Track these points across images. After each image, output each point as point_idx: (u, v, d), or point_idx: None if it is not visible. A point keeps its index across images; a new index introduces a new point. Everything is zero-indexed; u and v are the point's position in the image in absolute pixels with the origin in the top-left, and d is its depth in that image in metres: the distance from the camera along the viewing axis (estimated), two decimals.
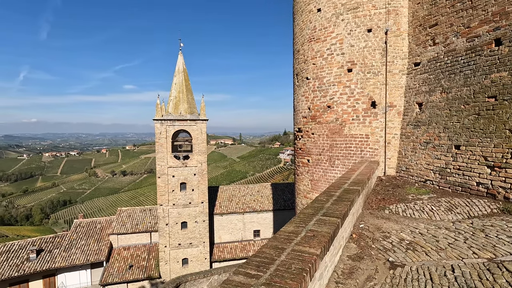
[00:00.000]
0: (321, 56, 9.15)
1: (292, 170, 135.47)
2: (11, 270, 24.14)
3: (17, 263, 24.76)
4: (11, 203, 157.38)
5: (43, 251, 26.17)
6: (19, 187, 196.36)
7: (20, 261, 24.95)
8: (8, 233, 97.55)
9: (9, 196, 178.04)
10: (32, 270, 24.59)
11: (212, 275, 15.00)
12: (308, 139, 9.98)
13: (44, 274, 25.48)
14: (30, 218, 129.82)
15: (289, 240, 2.85)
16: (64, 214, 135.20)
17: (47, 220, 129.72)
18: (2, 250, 25.46)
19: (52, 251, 26.47)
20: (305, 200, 10.53)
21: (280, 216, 32.08)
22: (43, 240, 27.78)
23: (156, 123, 26.89)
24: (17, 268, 24.36)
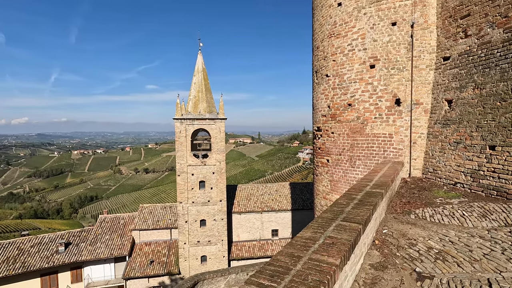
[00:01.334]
0: (341, 52, 8.80)
1: (311, 169, 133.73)
2: (42, 261, 25.56)
3: (47, 255, 26.16)
4: (43, 198, 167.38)
5: (71, 244, 27.47)
6: (50, 182, 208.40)
7: (50, 253, 26.34)
8: (41, 225, 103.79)
9: (42, 191, 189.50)
10: (60, 262, 25.89)
11: (230, 274, 15.01)
12: (328, 139, 9.66)
13: (71, 266, 26.76)
14: (61, 212, 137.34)
15: (306, 247, 2.67)
16: (91, 209, 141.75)
17: (75, 215, 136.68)
18: (34, 243, 27.00)
19: (79, 244, 27.73)
20: (324, 201, 10.23)
21: (298, 216, 31.69)
22: (71, 234, 29.18)
23: (176, 122, 27.36)
24: (47, 260, 25.74)
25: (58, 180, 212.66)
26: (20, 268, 24.58)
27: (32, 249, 26.30)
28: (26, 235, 29.25)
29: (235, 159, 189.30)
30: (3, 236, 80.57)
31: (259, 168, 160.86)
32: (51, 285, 26.18)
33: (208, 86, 28.85)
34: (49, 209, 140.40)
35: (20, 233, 31.12)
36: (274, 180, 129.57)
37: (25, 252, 25.89)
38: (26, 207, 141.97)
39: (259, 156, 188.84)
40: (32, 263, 25.20)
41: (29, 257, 25.54)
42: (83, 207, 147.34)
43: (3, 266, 24.37)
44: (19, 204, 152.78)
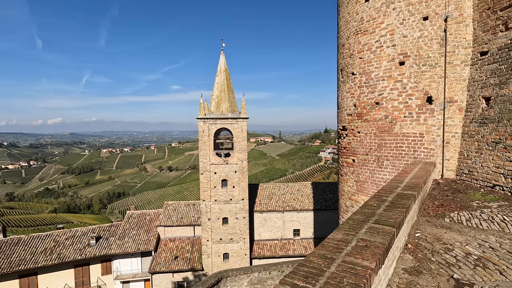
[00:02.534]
0: (368, 50, 8.56)
1: (333, 169, 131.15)
2: (75, 253, 27.13)
3: (80, 247, 27.73)
4: (75, 194, 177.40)
5: (101, 238, 28.92)
6: (82, 179, 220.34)
7: (82, 246, 27.89)
8: (73, 219, 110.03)
9: (74, 187, 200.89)
10: (92, 255, 27.34)
11: (252, 272, 15.13)
12: (354, 138, 9.44)
13: (102, 259, 28.17)
14: (91, 207, 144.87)
15: (339, 249, 2.64)
16: (118, 205, 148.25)
17: (104, 210, 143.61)
18: (69, 235, 28.71)
19: (108, 238, 29.12)
20: (349, 202, 10.02)
21: (321, 216, 31.25)
22: (101, 228, 30.70)
23: (199, 121, 27.92)
24: (80, 252, 27.28)
25: (89, 177, 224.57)
26: (56, 259, 26.26)
27: (66, 241, 27.99)
28: (61, 228, 31.16)
29: (256, 158, 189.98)
30: (40, 228, 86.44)
31: (280, 167, 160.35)
32: (84, 276, 27.73)
33: (230, 85, 29.15)
34: (80, 204, 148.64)
35: (56, 226, 33.23)
36: (295, 180, 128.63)
37: (60, 244, 27.61)
38: (60, 202, 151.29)
39: (280, 155, 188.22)
40: (66, 254, 26.83)
41: (64, 249, 27.21)
42: (111, 203, 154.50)
43: (41, 256, 26.16)
44: (54, 199, 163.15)
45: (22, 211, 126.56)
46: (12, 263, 25.11)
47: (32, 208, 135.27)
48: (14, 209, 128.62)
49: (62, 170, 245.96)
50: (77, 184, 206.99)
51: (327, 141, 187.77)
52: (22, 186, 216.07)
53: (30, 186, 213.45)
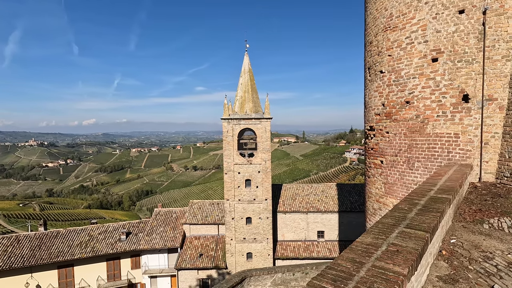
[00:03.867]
0: (398, 46, 8.22)
1: (359, 170, 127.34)
2: (107, 247, 28.63)
3: (111, 242, 29.22)
4: (107, 191, 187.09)
5: (131, 234, 30.28)
6: (113, 177, 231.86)
7: (114, 240, 29.37)
8: (105, 215, 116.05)
9: (106, 184, 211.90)
10: (122, 249, 28.72)
11: (276, 273, 15.10)
12: (382, 138, 9.11)
13: (131, 253, 29.49)
14: (121, 204, 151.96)
15: (368, 253, 2.57)
16: (146, 203, 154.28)
17: (133, 207, 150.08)
18: (101, 230, 30.35)
19: (137, 234, 30.42)
20: (377, 204, 9.69)
21: (346, 218, 30.48)
22: (130, 224, 32.14)
23: (223, 122, 28.33)
24: (111, 246, 28.75)
25: (119, 175, 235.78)
26: (90, 252, 27.88)
27: (99, 236, 29.63)
28: (94, 223, 33.04)
29: (279, 158, 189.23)
30: (76, 223, 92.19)
31: (303, 168, 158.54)
32: (115, 269, 29.19)
33: (254, 86, 29.30)
34: (112, 201, 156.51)
35: (90, 221, 35.29)
36: (319, 180, 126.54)
37: (94, 238, 29.27)
38: (93, 198, 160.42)
39: (303, 156, 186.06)
40: (99, 248, 28.40)
41: (97, 243, 28.82)
42: (140, 200, 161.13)
43: (77, 249, 27.90)
44: (88, 195, 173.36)
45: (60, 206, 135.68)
46: (52, 254, 27.02)
47: (69, 204, 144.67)
48: (53, 204, 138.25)
49: (95, 169, 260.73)
50: (108, 181, 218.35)
51: (353, 142, 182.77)
52: (60, 183, 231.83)
53: (67, 183, 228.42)
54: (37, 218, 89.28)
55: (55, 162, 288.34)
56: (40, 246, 27.53)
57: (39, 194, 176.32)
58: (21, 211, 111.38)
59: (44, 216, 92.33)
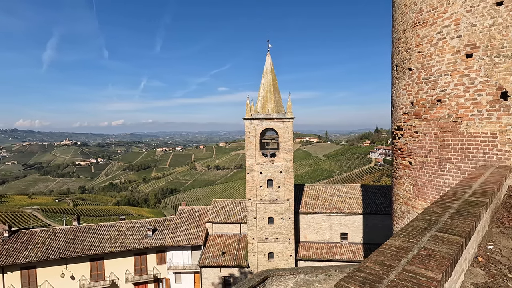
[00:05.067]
0: (429, 42, 7.86)
1: (384, 171, 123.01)
2: (135, 243, 29.86)
3: (139, 237, 30.44)
4: (134, 188, 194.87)
5: (156, 231, 31.36)
6: (140, 175, 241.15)
7: (141, 236, 30.57)
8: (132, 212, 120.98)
9: (133, 182, 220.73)
10: (149, 245, 29.82)
11: (298, 274, 14.99)
12: (410, 138, 8.76)
13: (157, 249, 30.55)
14: (147, 201, 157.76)
15: (398, 257, 2.50)
16: (171, 200, 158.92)
17: (159, 204, 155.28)
18: (129, 226, 31.71)
19: (163, 231, 31.45)
20: (405, 207, 9.33)
21: (371, 220, 29.59)
22: (156, 221, 33.29)
23: (245, 122, 28.54)
24: (139, 242, 29.95)
25: (146, 174, 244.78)
26: (119, 246, 29.23)
27: (127, 231, 30.97)
28: (123, 220, 34.59)
29: (301, 158, 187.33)
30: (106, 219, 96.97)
31: (326, 168, 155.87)
32: (142, 264, 30.39)
33: (276, 86, 29.24)
34: (138, 198, 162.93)
35: (119, 217, 37.00)
36: (342, 181, 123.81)
37: (123, 234, 30.65)
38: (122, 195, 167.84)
39: (326, 156, 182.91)
40: (127, 243, 29.69)
41: (125, 238, 30.15)
42: (165, 198, 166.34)
43: (107, 243, 29.36)
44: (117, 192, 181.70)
45: (92, 202, 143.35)
46: (84, 247, 28.65)
47: (99, 200, 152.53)
48: (85, 200, 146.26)
49: (123, 167, 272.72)
50: (135, 180, 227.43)
51: (378, 142, 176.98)
52: (91, 180, 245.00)
53: (98, 181, 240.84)
54: (71, 213, 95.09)
55: (87, 161, 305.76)
56: (74, 239, 29.28)
57: (73, 191, 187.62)
58: (57, 206, 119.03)
59: (77, 211, 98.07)
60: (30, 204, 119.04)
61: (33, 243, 28.31)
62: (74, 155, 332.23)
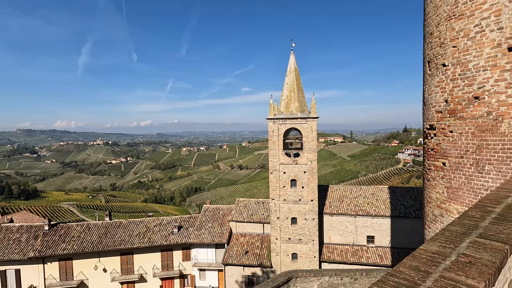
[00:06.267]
0: (465, 36, 7.39)
1: (414, 172, 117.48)
2: (162, 239, 30.90)
3: (165, 234, 31.46)
4: (161, 187, 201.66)
5: (182, 228, 32.24)
6: (166, 174, 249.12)
7: (167, 233, 31.58)
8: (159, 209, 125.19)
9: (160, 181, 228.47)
10: (174, 242, 30.73)
11: (323, 276, 14.73)
12: (444, 138, 8.29)
13: (182, 246, 31.40)
14: (173, 199, 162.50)
15: (434, 262, 2.38)
16: (195, 199, 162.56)
17: (184, 202, 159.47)
18: (157, 223, 32.87)
19: (188, 228, 32.27)
20: (438, 211, 8.85)
21: (399, 224, 28.40)
22: (182, 219, 34.22)
23: (269, 122, 28.52)
24: (165, 239, 30.95)
25: (171, 173, 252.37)
26: (147, 242, 30.41)
27: (155, 228, 32.13)
28: (151, 216, 35.92)
29: (325, 158, 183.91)
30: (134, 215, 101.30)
31: (351, 169, 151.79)
32: (168, 260, 31.39)
33: (300, 85, 28.94)
34: (165, 196, 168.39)
35: (147, 214, 38.49)
36: (368, 182, 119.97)
37: (150, 230, 31.84)
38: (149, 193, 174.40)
39: (351, 156, 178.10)
40: (155, 239, 30.80)
41: (153, 235, 31.30)
42: (190, 196, 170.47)
43: (136, 239, 30.65)
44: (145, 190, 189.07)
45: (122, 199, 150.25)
46: (115, 242, 30.12)
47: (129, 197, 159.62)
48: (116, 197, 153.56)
49: (151, 166, 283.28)
50: (162, 178, 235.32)
51: (407, 142, 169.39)
52: (121, 178, 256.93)
53: (127, 179, 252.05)
54: (103, 209, 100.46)
55: (117, 160, 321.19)
56: (106, 234, 30.89)
57: (105, 188, 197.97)
58: (90, 202, 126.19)
59: (108, 207, 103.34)
60: (67, 200, 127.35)
61: (69, 236, 30.24)
62: (106, 154, 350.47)
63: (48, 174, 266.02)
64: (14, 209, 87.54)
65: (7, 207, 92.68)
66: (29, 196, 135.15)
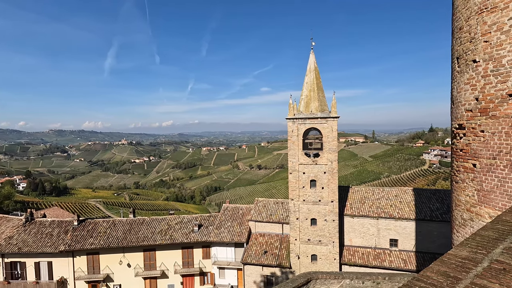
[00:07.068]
0: (498, 30, 6.97)
1: (441, 174, 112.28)
2: (182, 237, 31.60)
3: (186, 232, 32.14)
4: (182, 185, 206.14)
5: (202, 226, 32.79)
6: (186, 173, 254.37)
7: (188, 231, 32.24)
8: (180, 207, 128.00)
9: (181, 180, 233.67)
10: (195, 240, 31.31)
11: (344, 279, 14.41)
12: (475, 138, 7.86)
13: (202, 244, 31.93)
14: (193, 198, 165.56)
15: (464, 268, 2.27)
16: (215, 198, 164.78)
17: (204, 201, 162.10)
18: (178, 221, 33.65)
19: (208, 227, 32.78)
20: (467, 214, 8.41)
21: (425, 227, 27.26)
22: (202, 217, 34.81)
23: (288, 121, 28.35)
24: (186, 236, 31.62)
25: (192, 172, 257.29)
26: (169, 239, 31.21)
27: (176, 226, 32.91)
28: (172, 214, 36.82)
29: (346, 159, 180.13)
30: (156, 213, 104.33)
31: (373, 170, 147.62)
32: (189, 257, 32.04)
33: (320, 84, 28.53)
34: (185, 194, 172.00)
35: (168, 212, 39.52)
36: (391, 184, 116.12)
37: (172, 228, 32.64)
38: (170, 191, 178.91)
39: (373, 157, 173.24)
40: (176, 237, 31.55)
41: (174, 232, 32.08)
42: (209, 195, 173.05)
43: (158, 236, 31.55)
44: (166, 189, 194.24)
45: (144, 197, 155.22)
46: (139, 238, 31.18)
47: (151, 196, 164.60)
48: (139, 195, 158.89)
49: (172, 165, 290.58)
50: (183, 177, 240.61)
51: (433, 142, 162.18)
52: (144, 177, 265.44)
53: (150, 177, 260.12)
54: (127, 206, 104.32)
55: (140, 159, 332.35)
56: (130, 230, 32.04)
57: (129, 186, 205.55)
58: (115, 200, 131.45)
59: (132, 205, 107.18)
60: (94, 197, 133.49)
61: (96, 232, 31.67)
62: (130, 153, 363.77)
63: (77, 172, 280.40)
64: (46, 204, 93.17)
65: (41, 203, 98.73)
66: (59, 193, 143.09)
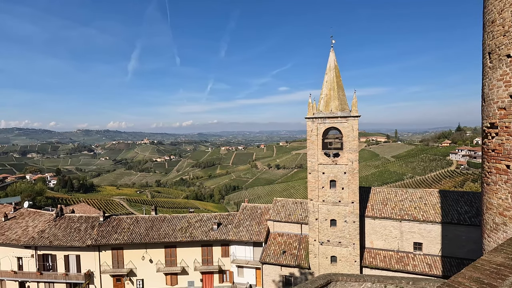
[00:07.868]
0: None
1: (469, 175, 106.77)
2: (202, 234, 32.15)
3: (205, 230, 32.67)
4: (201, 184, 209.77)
5: (221, 225, 33.19)
6: (206, 172, 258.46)
7: (207, 229, 32.76)
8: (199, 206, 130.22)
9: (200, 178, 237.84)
10: (214, 238, 31.76)
11: (365, 282, 14.07)
12: (508, 138, 7.42)
13: (221, 242, 32.32)
14: (212, 197, 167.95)
15: (500, 275, 2.15)
16: (233, 197, 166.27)
17: (222, 200, 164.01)
18: (198, 219, 34.28)
19: (227, 226, 33.13)
20: (499, 218, 7.96)
21: (452, 231, 26.04)
22: (221, 216, 35.23)
23: (307, 121, 28.04)
24: (205, 234, 32.14)
25: (211, 171, 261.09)
26: (189, 237, 31.87)
27: (196, 224, 33.54)
28: (192, 212, 37.58)
29: (367, 159, 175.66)
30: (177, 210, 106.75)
31: (395, 170, 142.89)
32: (208, 255, 32.56)
33: (340, 83, 27.99)
34: (204, 193, 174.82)
35: (188, 210, 40.36)
36: (415, 185, 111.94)
37: (192, 225, 33.30)
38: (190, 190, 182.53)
39: (395, 157, 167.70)
40: (196, 234, 32.15)
41: (194, 230, 32.70)
42: (228, 194, 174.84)
43: (179, 233, 32.30)
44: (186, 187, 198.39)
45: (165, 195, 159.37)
46: (160, 235, 32.07)
47: (172, 194, 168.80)
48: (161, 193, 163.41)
49: (192, 164, 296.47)
50: (202, 176, 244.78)
51: (460, 141, 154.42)
52: (165, 175, 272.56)
53: (171, 176, 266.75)
54: (149, 204, 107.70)
55: (162, 158, 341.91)
56: (152, 227, 33.04)
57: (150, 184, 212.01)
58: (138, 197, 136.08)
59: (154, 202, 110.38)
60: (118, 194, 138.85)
61: (120, 228, 32.92)
62: (152, 152, 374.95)
63: (102, 170, 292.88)
64: (74, 201, 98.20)
65: (69, 199, 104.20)
66: (86, 190, 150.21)
